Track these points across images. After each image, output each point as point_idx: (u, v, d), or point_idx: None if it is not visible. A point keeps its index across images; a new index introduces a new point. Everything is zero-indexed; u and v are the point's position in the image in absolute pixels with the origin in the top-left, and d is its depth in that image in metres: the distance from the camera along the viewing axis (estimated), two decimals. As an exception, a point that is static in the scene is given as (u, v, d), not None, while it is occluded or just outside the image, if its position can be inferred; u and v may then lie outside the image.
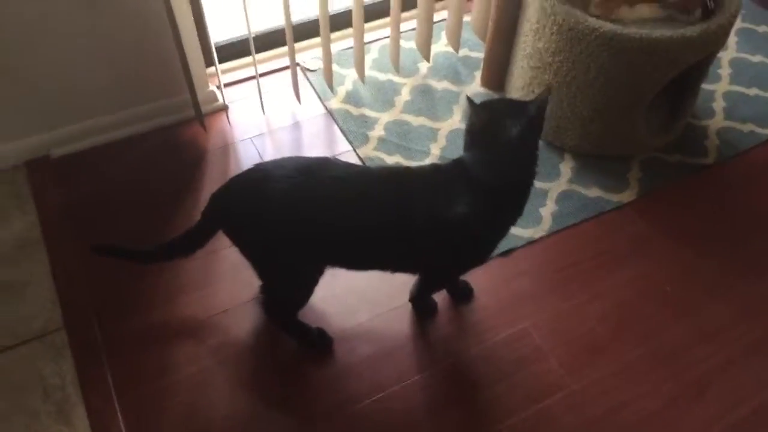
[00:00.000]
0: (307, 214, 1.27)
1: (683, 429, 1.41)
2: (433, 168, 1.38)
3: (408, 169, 1.37)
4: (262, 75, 2.11)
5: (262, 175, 1.31)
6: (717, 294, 1.64)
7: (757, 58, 2.26)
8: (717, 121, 2.05)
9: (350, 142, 1.98)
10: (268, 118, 2.04)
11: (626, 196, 1.85)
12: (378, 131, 2.00)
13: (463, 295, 1.62)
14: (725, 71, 2.21)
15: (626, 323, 1.58)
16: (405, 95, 2.11)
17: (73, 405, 1.42)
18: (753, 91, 2.14)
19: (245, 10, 1.79)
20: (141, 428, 1.40)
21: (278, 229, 1.29)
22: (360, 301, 1.61)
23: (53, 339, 1.52)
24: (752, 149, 1.98)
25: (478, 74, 2.16)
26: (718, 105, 2.10)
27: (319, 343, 1.52)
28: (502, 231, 1.39)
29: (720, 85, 2.16)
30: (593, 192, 1.85)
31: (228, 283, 1.63)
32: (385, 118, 2.04)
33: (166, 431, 1.39)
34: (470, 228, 1.30)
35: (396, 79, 2.16)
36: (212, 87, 2.02)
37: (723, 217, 1.82)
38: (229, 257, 1.55)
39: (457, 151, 1.36)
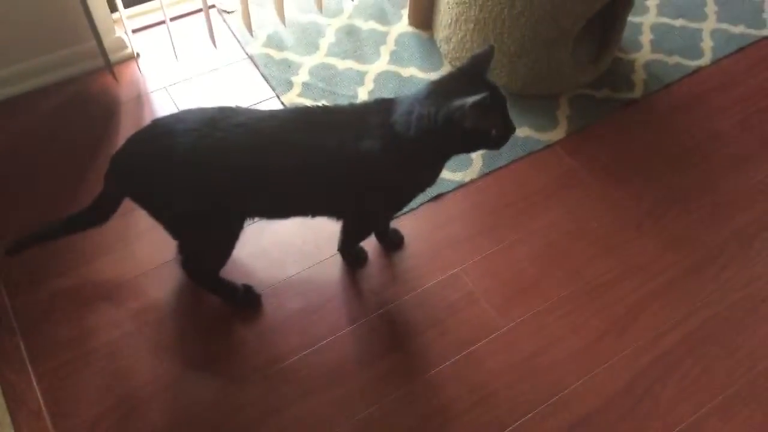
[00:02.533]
0: (215, 168, 1.20)
1: (611, 363, 1.43)
2: (349, 106, 1.31)
3: (322, 107, 1.29)
4: (173, 19, 1.98)
5: (162, 131, 1.23)
6: (643, 228, 1.66)
7: (683, -11, 2.24)
8: (644, 54, 2.04)
9: (273, 89, 1.88)
10: (183, 66, 1.92)
11: (556, 135, 1.83)
12: (302, 76, 1.91)
13: (392, 242, 1.59)
14: (652, 2, 2.18)
15: (555, 262, 1.59)
16: (329, 37, 2.02)
17: (-15, 379, 1.35)
18: (679, 22, 2.13)
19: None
20: (59, 399, 1.33)
21: (187, 187, 1.21)
22: (288, 254, 1.56)
23: (-41, 312, 1.43)
24: (678, 81, 1.98)
25: (405, 12, 2.07)
26: (645, 38, 2.09)
27: (246, 300, 1.47)
28: (415, 184, 1.35)
29: (647, 17, 2.14)
30: (523, 131, 1.83)
31: (146, 243, 1.55)
32: (309, 62, 1.95)
33: (86, 401, 1.33)
34: (377, 167, 1.24)
35: (320, 19, 2.06)
36: (119, 33, 1.88)
37: (650, 152, 1.82)
38: (145, 216, 1.46)
39: (386, 95, 1.30)
